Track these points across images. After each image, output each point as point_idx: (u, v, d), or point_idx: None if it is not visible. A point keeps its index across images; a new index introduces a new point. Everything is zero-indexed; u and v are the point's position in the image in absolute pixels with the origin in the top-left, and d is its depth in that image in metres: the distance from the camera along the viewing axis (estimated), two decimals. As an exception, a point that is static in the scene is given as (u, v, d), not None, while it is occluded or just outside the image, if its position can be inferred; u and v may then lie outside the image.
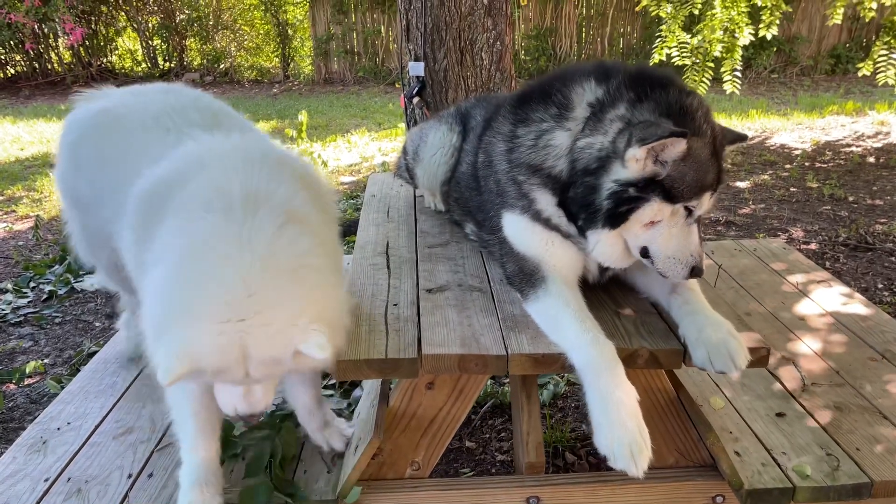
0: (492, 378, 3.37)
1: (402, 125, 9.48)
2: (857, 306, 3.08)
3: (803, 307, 3.07)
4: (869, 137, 8.48)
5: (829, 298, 3.16)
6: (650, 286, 2.02)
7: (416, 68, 4.64)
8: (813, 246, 5.15)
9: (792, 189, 6.57)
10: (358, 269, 2.35)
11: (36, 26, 13.84)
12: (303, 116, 9.38)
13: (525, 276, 2.00)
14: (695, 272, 1.81)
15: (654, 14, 7.12)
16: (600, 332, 1.78)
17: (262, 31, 16.27)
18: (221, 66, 15.90)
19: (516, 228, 2.04)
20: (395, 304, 2.07)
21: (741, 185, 6.78)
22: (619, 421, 1.65)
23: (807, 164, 7.42)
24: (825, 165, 7.35)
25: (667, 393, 2.08)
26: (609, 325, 1.87)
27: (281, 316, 1.49)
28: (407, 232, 2.71)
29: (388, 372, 1.81)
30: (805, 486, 1.97)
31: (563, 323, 1.82)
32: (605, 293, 2.08)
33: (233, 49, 16.24)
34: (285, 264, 1.55)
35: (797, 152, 7.87)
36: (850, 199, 6.23)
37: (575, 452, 3.00)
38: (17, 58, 15.50)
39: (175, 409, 1.96)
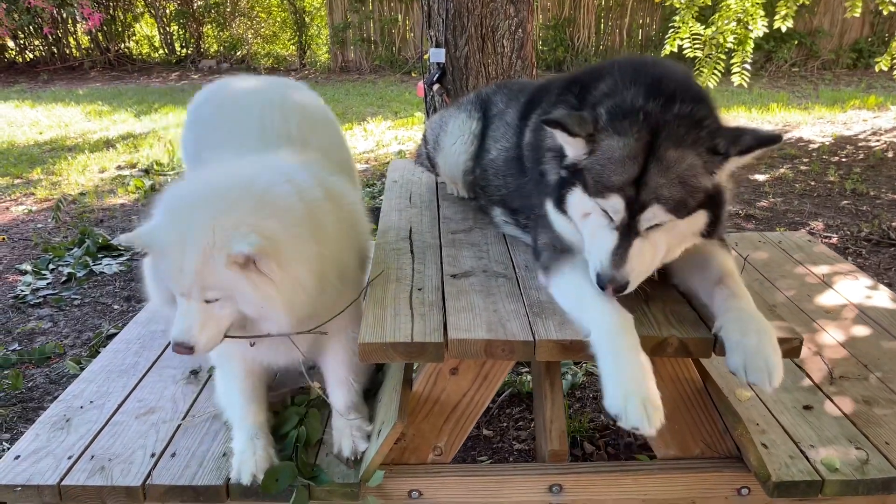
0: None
1: (419, 114, 9.46)
2: (883, 299, 3.04)
3: (828, 299, 3.03)
4: (890, 132, 8.37)
5: (855, 290, 3.12)
6: (690, 275, 1.97)
7: (437, 55, 4.61)
8: (834, 240, 5.09)
9: (812, 183, 6.50)
10: (381, 254, 2.34)
11: (55, 11, 13.90)
12: (320, 104, 9.37)
13: (556, 252, 1.98)
14: (601, 280, 1.72)
15: (669, 4, 7.04)
16: (620, 306, 1.76)
17: (278, 19, 16.26)
18: (238, 53, 15.91)
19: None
20: (419, 289, 2.06)
21: (760, 178, 6.71)
22: (633, 378, 1.61)
23: (827, 158, 7.33)
24: (846, 160, 7.26)
25: (694, 383, 2.05)
26: (638, 313, 1.85)
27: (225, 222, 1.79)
28: (430, 217, 2.69)
29: (413, 355, 1.81)
30: (834, 480, 1.94)
31: (585, 293, 1.80)
32: (634, 281, 2.05)
33: (249, 36, 16.25)
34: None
35: (817, 146, 7.78)
36: (872, 193, 6.15)
37: (594, 442, 2.98)
38: (36, 42, 15.59)
39: (223, 389, 2.23)
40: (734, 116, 9.38)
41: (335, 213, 2.11)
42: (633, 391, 1.59)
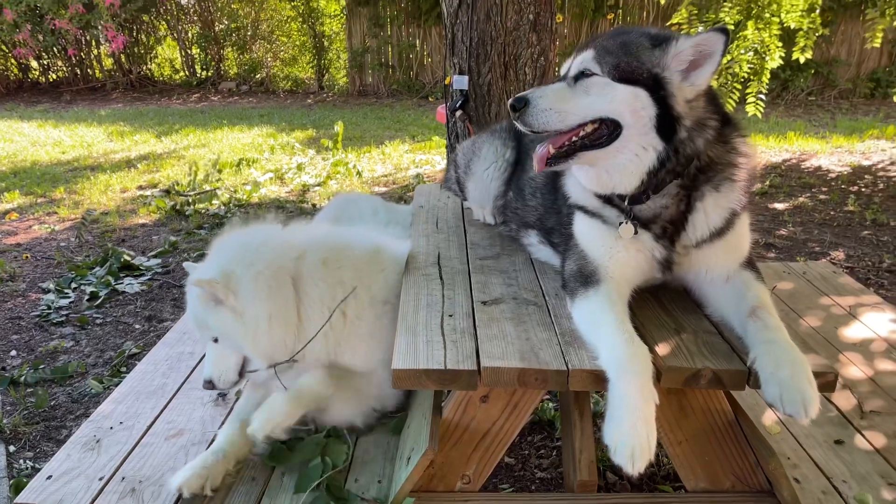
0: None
1: (437, 138, 9.52)
2: (911, 332, 3.02)
3: (855, 331, 3.01)
4: (910, 163, 8.34)
5: (881, 323, 3.09)
6: (724, 305, 1.98)
7: (461, 82, 4.66)
8: (857, 271, 5.05)
9: (832, 213, 6.47)
10: (410, 280, 2.35)
11: (79, 33, 14.16)
12: (338, 127, 9.47)
13: (581, 277, 2.00)
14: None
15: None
16: (636, 336, 1.78)
17: (298, 43, 16.50)
18: (257, 75, 16.13)
19: (582, 227, 2.10)
20: (450, 315, 2.07)
21: (779, 206, 6.69)
22: (631, 423, 1.64)
23: (846, 187, 7.30)
24: (865, 190, 7.23)
25: (725, 414, 2.04)
26: (670, 343, 1.85)
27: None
28: (458, 243, 2.70)
29: (446, 383, 1.81)
30: (868, 517, 1.92)
31: (602, 321, 1.83)
32: (665, 312, 2.06)
33: (269, 59, 16.48)
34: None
35: (836, 176, 7.76)
36: (893, 224, 6.11)
37: (616, 472, 2.96)
38: (60, 63, 15.88)
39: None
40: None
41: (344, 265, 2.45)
42: (626, 437, 1.62)
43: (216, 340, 2.25)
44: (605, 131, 1.86)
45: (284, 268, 2.30)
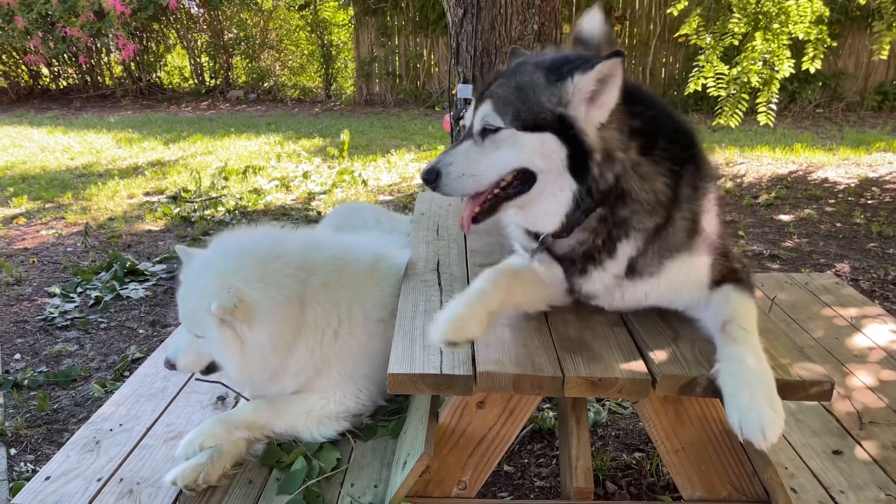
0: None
1: (443, 147, 9.54)
2: (913, 344, 3.01)
3: (857, 342, 3.00)
4: (917, 175, 8.31)
5: (883, 334, 3.08)
6: (704, 325, 1.94)
7: (465, 91, 4.68)
8: (861, 283, 5.03)
9: (838, 224, 6.45)
10: (409, 286, 2.36)
11: (90, 41, 14.30)
12: (345, 136, 9.51)
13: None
14: (423, 172, 1.83)
15: (693, 43, 7.10)
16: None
17: (306, 52, 16.61)
18: (265, 84, 16.23)
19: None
20: (448, 321, 2.07)
21: (785, 218, 6.68)
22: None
23: (853, 199, 7.29)
24: (872, 202, 7.21)
25: (721, 423, 2.03)
26: (667, 351, 1.85)
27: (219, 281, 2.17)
28: (457, 250, 2.71)
29: (442, 388, 1.82)
30: (865, 527, 1.92)
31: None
32: (663, 321, 2.06)
33: (277, 68, 16.59)
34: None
35: (843, 188, 7.74)
36: (899, 236, 6.10)
37: (616, 482, 2.95)
38: (70, 71, 16.02)
39: None
40: (758, 156, 9.38)
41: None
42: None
43: (198, 336, 2.21)
44: (524, 178, 1.81)
45: (295, 293, 2.26)
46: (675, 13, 6.88)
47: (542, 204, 1.84)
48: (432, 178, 1.80)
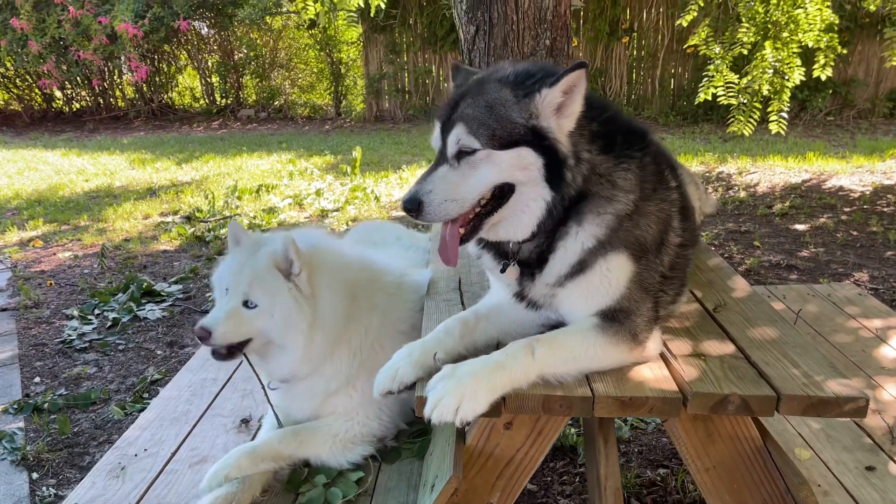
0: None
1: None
2: (941, 356, 2.96)
3: (885, 353, 2.96)
4: (933, 182, 8.25)
5: (911, 347, 3.04)
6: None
7: (478, 107, 4.69)
8: (882, 293, 4.98)
9: (854, 233, 6.40)
10: (432, 305, 2.35)
11: (102, 63, 14.45)
12: (356, 153, 9.55)
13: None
14: (403, 202, 1.82)
15: (702, 53, 7.09)
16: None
17: (315, 70, 16.72)
18: (276, 102, 16.34)
19: None
20: (473, 341, 2.06)
21: (800, 227, 6.63)
22: None
23: (868, 207, 7.23)
24: (888, 210, 7.15)
25: (753, 441, 2.01)
26: (696, 368, 1.83)
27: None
28: (478, 269, 2.70)
29: (471, 410, 1.79)
30: (904, 546, 1.88)
31: None
32: (689, 337, 2.04)
33: (287, 86, 16.70)
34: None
35: (857, 196, 7.69)
36: (918, 244, 6.04)
37: (641, 500, 2.91)
38: (83, 93, 16.18)
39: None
40: (770, 165, 9.34)
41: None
42: None
43: (246, 304, 2.22)
44: (501, 192, 1.83)
45: (350, 285, 2.39)
46: (685, 24, 6.86)
47: (519, 214, 1.86)
48: (414, 206, 1.78)
